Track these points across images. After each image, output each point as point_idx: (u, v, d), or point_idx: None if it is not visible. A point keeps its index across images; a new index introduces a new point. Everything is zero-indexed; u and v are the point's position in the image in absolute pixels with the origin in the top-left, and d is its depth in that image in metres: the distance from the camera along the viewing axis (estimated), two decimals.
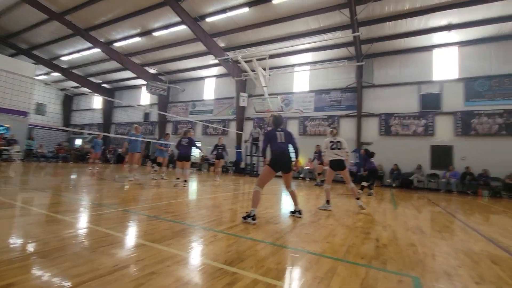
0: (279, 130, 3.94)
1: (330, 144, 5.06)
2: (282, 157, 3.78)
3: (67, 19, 14.18)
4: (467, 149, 11.46)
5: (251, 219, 3.44)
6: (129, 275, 1.78)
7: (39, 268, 1.80)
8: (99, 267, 1.85)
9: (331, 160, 5.03)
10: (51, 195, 4.81)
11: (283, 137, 3.89)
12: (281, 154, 3.78)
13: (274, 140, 3.86)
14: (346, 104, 14.23)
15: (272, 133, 3.91)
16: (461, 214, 5.63)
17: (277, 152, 3.78)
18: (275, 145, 3.83)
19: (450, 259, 2.58)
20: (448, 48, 12.40)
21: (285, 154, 3.82)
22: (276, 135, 3.88)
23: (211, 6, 12.12)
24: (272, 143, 3.86)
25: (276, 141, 3.85)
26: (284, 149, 3.84)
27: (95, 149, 11.87)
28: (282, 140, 3.87)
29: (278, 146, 3.82)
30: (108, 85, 23.38)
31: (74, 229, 2.79)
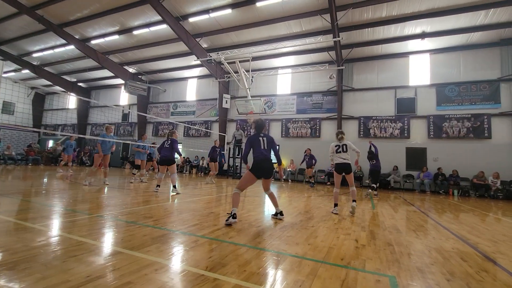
0: (261, 136, 3.91)
1: (335, 148, 5.11)
2: (264, 163, 3.76)
3: (38, 14, 13.40)
4: (439, 151, 12.13)
5: (232, 217, 3.50)
6: (103, 286, 1.69)
7: (6, 280, 1.67)
8: (70, 278, 1.75)
9: (337, 163, 5.04)
10: (19, 201, 4.50)
11: (266, 144, 3.89)
12: (263, 161, 3.76)
13: (257, 146, 3.83)
14: (327, 107, 14.57)
15: (255, 138, 3.87)
16: (433, 213, 5.93)
17: (260, 159, 3.76)
18: (258, 152, 3.81)
19: (424, 257, 2.70)
20: (422, 55, 13.09)
21: (268, 161, 3.80)
22: (259, 141, 3.85)
23: (194, 6, 11.97)
24: (255, 149, 3.84)
25: (259, 147, 3.83)
26: (266, 156, 3.83)
27: (67, 152, 11.32)
28: (264, 147, 3.86)
29: (261, 153, 3.79)
30: (84, 84, 22.35)
31: (45, 237, 2.62)
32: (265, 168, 3.77)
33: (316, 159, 11.55)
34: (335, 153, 5.09)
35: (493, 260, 2.73)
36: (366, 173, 12.94)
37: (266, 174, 3.83)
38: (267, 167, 3.78)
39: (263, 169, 3.76)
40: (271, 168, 3.84)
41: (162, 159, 6.77)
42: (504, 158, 10.99)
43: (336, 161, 5.05)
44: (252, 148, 3.87)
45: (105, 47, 16.18)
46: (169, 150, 6.80)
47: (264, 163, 3.75)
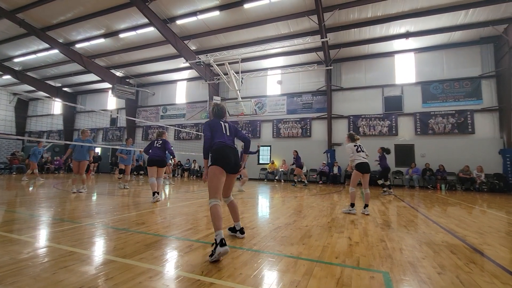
0: (222, 121, 3.13)
1: (355, 148, 5.10)
2: (229, 151, 2.86)
3: (19, 17, 12.99)
4: (426, 147, 12.46)
5: (219, 246, 2.29)
6: None
7: None
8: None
9: (360, 163, 4.99)
10: (4, 211, 4.34)
11: (228, 129, 3.08)
12: (227, 147, 2.88)
13: (218, 131, 2.99)
14: (317, 106, 14.73)
15: (215, 122, 3.06)
16: (423, 208, 6.08)
17: (222, 145, 2.87)
18: (220, 137, 2.95)
19: (415, 252, 2.76)
20: (406, 54, 13.44)
21: (232, 148, 2.93)
22: (221, 125, 3.04)
23: (181, 8, 11.89)
24: (216, 135, 2.97)
25: (221, 132, 2.99)
26: (230, 143, 2.99)
27: (32, 158, 10.87)
28: (227, 133, 3.04)
29: (224, 138, 2.95)
30: (70, 89, 21.81)
31: (32, 248, 2.54)
32: (230, 157, 2.82)
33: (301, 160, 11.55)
34: (355, 152, 5.06)
35: (480, 252, 2.82)
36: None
37: (232, 167, 2.85)
38: (232, 156, 2.86)
39: (228, 158, 2.81)
40: (237, 160, 2.94)
41: (153, 159, 5.91)
42: (487, 152, 11.39)
43: (360, 160, 5.01)
44: (212, 133, 2.98)
45: (90, 51, 15.85)
46: (161, 150, 6.02)
47: (229, 150, 2.86)
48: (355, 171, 5.04)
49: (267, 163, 15.40)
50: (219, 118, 3.16)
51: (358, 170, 5.00)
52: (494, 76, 11.79)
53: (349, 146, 5.16)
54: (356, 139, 5.22)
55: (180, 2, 11.50)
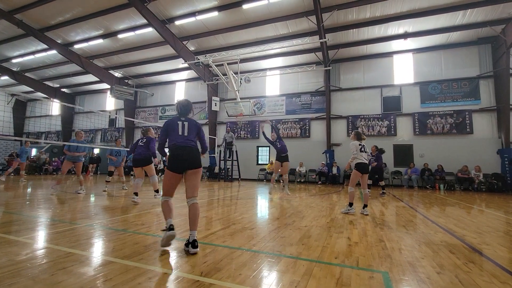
0: (182, 120, 2.97)
1: (360, 147, 5.01)
2: (182, 152, 2.79)
3: (17, 18, 12.96)
4: (425, 147, 12.50)
5: (167, 230, 2.61)
6: None
7: None
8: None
9: (361, 162, 4.94)
10: (1, 213, 4.32)
11: (187, 129, 2.93)
12: (179, 148, 2.80)
13: (173, 131, 2.91)
14: (316, 107, 14.75)
15: (171, 122, 2.96)
16: (422, 207, 6.09)
17: (173, 147, 2.82)
18: (174, 138, 2.87)
19: (414, 251, 2.76)
20: (405, 54, 13.48)
21: (186, 148, 2.81)
22: (177, 125, 2.92)
23: (180, 9, 11.89)
24: (171, 135, 2.91)
25: (176, 133, 2.89)
26: (186, 143, 2.85)
27: (21, 158, 10.84)
28: (184, 133, 2.90)
29: (177, 139, 2.86)
30: (68, 89, 21.77)
31: (31, 250, 2.53)
32: (181, 159, 2.76)
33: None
34: (359, 151, 4.97)
35: (479, 251, 2.83)
36: None
37: (186, 166, 2.77)
38: (185, 155, 2.77)
39: (178, 160, 2.77)
40: (194, 158, 2.80)
41: (136, 158, 5.74)
42: (485, 152, 11.44)
43: (361, 160, 4.95)
44: (167, 135, 2.95)
45: (89, 52, 15.82)
46: (144, 148, 5.79)
47: (180, 151, 2.78)
48: (354, 171, 4.99)
49: (266, 163, 15.40)
50: (181, 116, 3.05)
51: (358, 170, 4.96)
52: (492, 76, 11.84)
53: (354, 144, 5.05)
54: (362, 139, 5.16)
55: (179, 3, 11.50)
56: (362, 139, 5.14)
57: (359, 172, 4.97)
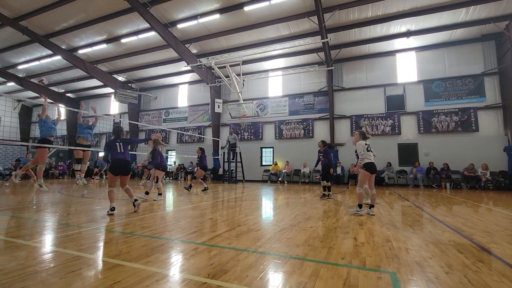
0: (118, 141, 4.72)
1: (366, 147, 4.93)
2: (119, 164, 4.65)
3: (22, 25, 13.15)
4: (430, 145, 12.39)
5: (110, 210, 4.50)
6: None
7: None
8: None
9: (370, 162, 4.87)
10: (9, 217, 4.38)
11: (122, 147, 4.72)
12: (119, 162, 4.64)
13: (114, 149, 4.67)
14: (319, 107, 14.72)
15: (111, 144, 4.71)
16: (428, 207, 6.03)
17: (116, 160, 4.63)
18: (114, 153, 4.66)
19: (421, 251, 2.74)
20: (408, 53, 13.40)
21: (122, 161, 4.68)
22: (116, 146, 4.68)
23: (182, 12, 11.97)
24: (112, 152, 4.66)
25: (116, 150, 4.66)
26: (122, 157, 4.69)
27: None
28: (121, 150, 4.70)
29: (117, 155, 4.65)
30: (73, 94, 22.01)
31: (39, 254, 2.56)
32: (121, 168, 4.68)
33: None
34: (365, 151, 4.88)
35: (488, 250, 2.80)
36: None
37: (121, 171, 4.70)
38: (123, 166, 4.70)
39: (119, 168, 4.66)
40: (127, 167, 4.78)
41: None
42: (492, 149, 11.29)
43: (370, 160, 4.88)
44: (109, 151, 4.69)
45: (93, 56, 15.99)
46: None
47: (120, 163, 4.66)
48: (363, 171, 4.86)
49: (270, 164, 15.39)
50: (116, 137, 4.81)
51: (367, 170, 4.85)
52: (497, 73, 11.71)
53: (361, 143, 4.95)
54: (367, 138, 5.09)
55: (181, 6, 11.59)
56: (367, 138, 5.07)
57: (368, 172, 4.86)
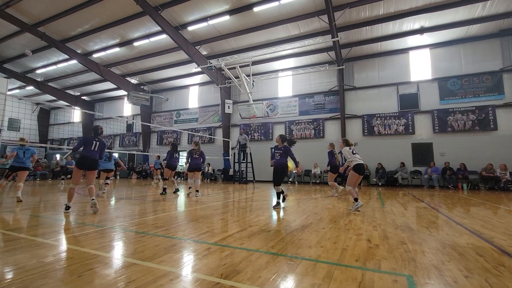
0: (96, 140, 4.95)
1: (351, 150, 5.56)
2: (88, 160, 4.82)
3: (40, 31, 13.68)
4: (445, 145, 12.02)
5: (65, 208, 4.78)
6: None
7: None
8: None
9: (359, 164, 5.40)
10: (29, 216, 4.55)
11: (97, 147, 4.94)
12: (88, 158, 4.82)
13: (88, 145, 4.85)
14: (329, 107, 14.56)
15: (88, 139, 4.88)
16: (444, 208, 5.85)
17: (85, 155, 4.81)
18: (86, 151, 4.84)
19: (439, 254, 2.66)
20: (421, 50, 13.06)
21: (91, 158, 4.85)
22: (92, 143, 4.88)
23: (192, 14, 12.12)
24: (86, 147, 4.85)
25: (89, 147, 4.84)
26: (92, 154, 4.88)
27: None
28: (95, 148, 4.91)
29: (89, 152, 4.84)
30: (88, 97, 22.67)
31: (57, 252, 2.64)
32: (88, 163, 4.85)
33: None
34: (352, 155, 5.51)
35: (509, 254, 2.68)
36: (372, 171, 12.85)
37: (87, 167, 4.88)
38: (90, 162, 4.86)
39: (86, 164, 4.83)
40: (94, 164, 4.93)
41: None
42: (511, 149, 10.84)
43: (358, 162, 5.41)
44: (84, 146, 4.87)
45: (106, 60, 16.43)
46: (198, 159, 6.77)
47: (88, 159, 4.84)
48: (353, 172, 5.44)
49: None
50: (95, 136, 5.05)
51: (355, 171, 5.41)
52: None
53: (345, 149, 5.65)
54: (350, 144, 5.84)
55: (191, 9, 11.74)
56: (350, 145, 5.81)
57: (356, 173, 5.41)
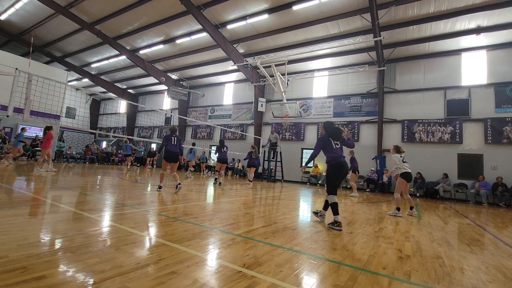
0: (173, 136, 6.17)
1: (401, 159, 5.77)
2: (171, 153, 6.09)
3: (97, 29, 15.08)
4: (499, 158, 10.75)
5: (158, 188, 6.13)
6: (150, 273, 1.84)
7: (68, 262, 1.91)
8: (122, 264, 1.93)
9: (406, 172, 5.64)
10: (78, 194, 5.08)
11: (175, 141, 6.17)
12: (171, 152, 6.09)
13: (169, 142, 6.07)
14: (366, 109, 13.90)
15: (168, 136, 6.14)
16: (492, 227, 5.27)
17: (169, 150, 6.07)
18: (170, 146, 6.08)
19: (480, 273, 2.42)
20: (477, 52, 11.81)
21: (173, 152, 6.09)
22: (171, 139, 6.10)
23: (232, 13, 12.41)
24: (168, 143, 6.07)
25: (170, 143, 6.07)
26: (174, 148, 6.09)
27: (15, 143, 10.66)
28: (174, 143, 6.12)
29: (171, 147, 6.07)
30: (133, 90, 24.46)
31: (99, 227, 2.93)
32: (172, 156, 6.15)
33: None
34: (401, 162, 5.70)
35: None
36: None
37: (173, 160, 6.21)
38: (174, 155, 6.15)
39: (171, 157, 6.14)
40: (176, 157, 6.18)
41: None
42: None
43: (407, 170, 5.66)
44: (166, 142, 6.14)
45: (151, 56, 17.56)
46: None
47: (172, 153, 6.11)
48: (401, 179, 5.68)
49: (310, 166, 15.06)
50: (172, 133, 6.22)
51: (404, 179, 5.64)
52: None
53: (396, 156, 5.79)
54: (402, 151, 5.93)
55: (232, 8, 12.02)
56: (401, 152, 5.90)
57: (405, 180, 5.67)
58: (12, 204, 3.69)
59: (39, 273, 1.68)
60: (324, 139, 4.22)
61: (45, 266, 1.79)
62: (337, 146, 4.22)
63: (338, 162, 4.06)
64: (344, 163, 4.10)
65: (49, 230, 2.68)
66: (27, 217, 3.05)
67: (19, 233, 2.43)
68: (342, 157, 4.14)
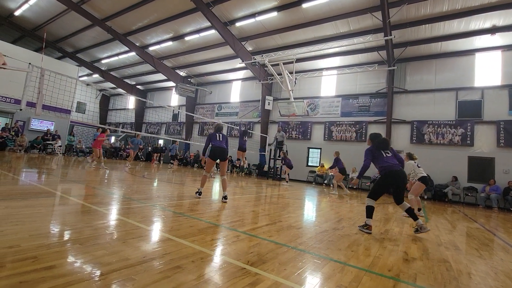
0: (218, 133, 5.40)
1: (416, 164, 5.96)
2: (218, 149, 5.20)
3: (107, 25, 15.27)
4: (511, 162, 10.47)
5: (198, 194, 5.23)
6: (156, 267, 1.87)
7: (76, 254, 1.95)
8: (129, 257, 1.97)
9: (423, 176, 5.78)
10: (87, 187, 5.18)
11: (221, 137, 5.38)
12: (218, 148, 5.21)
13: (215, 138, 5.30)
14: (375, 110, 13.71)
15: (213, 134, 5.39)
16: (502, 232, 5.15)
17: (215, 146, 5.24)
18: (215, 143, 5.27)
19: (488, 279, 2.38)
20: (491, 52, 11.48)
21: (220, 147, 5.21)
22: (216, 136, 5.34)
23: (241, 11, 12.38)
24: (213, 141, 5.29)
25: (216, 140, 5.29)
26: (220, 144, 5.24)
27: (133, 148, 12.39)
28: (220, 139, 5.33)
29: (217, 143, 5.26)
30: (141, 86, 24.73)
31: (107, 220, 2.99)
32: (217, 154, 5.22)
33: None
34: (417, 168, 5.88)
35: None
36: None
37: (221, 158, 5.29)
38: (221, 152, 5.24)
39: (218, 154, 5.22)
40: (224, 153, 5.27)
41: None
42: None
43: (423, 174, 5.80)
44: (210, 140, 5.33)
45: (160, 53, 17.70)
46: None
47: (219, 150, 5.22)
48: (419, 183, 5.76)
49: (316, 165, 14.98)
50: (216, 131, 5.45)
51: (422, 182, 5.72)
52: None
53: (410, 163, 5.91)
54: (415, 158, 6.11)
55: (240, 5, 11.99)
56: (414, 158, 6.09)
57: (423, 184, 5.72)
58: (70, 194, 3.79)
59: (48, 263, 1.72)
60: (372, 150, 4.14)
61: (55, 257, 1.84)
62: (388, 154, 4.07)
63: (391, 171, 3.87)
64: (398, 172, 3.88)
65: (59, 222, 2.74)
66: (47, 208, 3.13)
67: (31, 223, 2.50)
68: (397, 165, 3.96)
